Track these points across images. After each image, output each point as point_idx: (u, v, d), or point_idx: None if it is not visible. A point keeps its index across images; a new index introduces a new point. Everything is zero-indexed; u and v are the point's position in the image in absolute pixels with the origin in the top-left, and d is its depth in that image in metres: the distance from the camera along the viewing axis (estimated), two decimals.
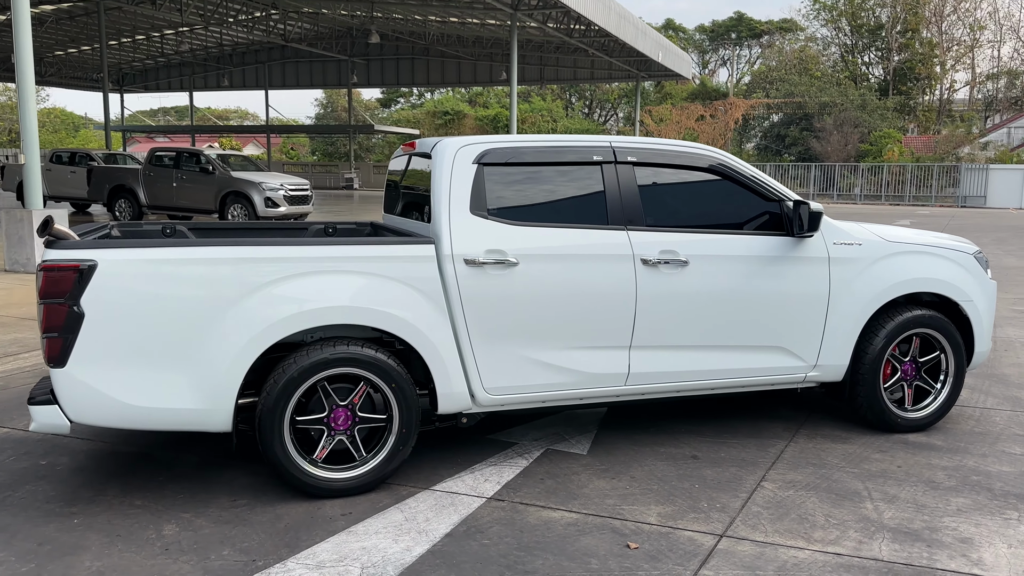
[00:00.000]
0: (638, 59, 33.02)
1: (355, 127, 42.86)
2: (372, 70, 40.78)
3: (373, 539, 3.45)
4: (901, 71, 52.49)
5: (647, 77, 37.38)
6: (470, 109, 50.54)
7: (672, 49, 33.17)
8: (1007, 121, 45.49)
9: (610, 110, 59.49)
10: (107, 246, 3.55)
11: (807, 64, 51.01)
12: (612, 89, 55.38)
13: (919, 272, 4.71)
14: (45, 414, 3.57)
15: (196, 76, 43.86)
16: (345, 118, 58.79)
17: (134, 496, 3.89)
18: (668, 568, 3.21)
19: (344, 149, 55.78)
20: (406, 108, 59.19)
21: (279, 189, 17.02)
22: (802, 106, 44.15)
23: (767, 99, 46.30)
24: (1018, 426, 4.95)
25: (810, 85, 45.66)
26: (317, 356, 3.76)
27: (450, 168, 4.08)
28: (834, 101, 43.34)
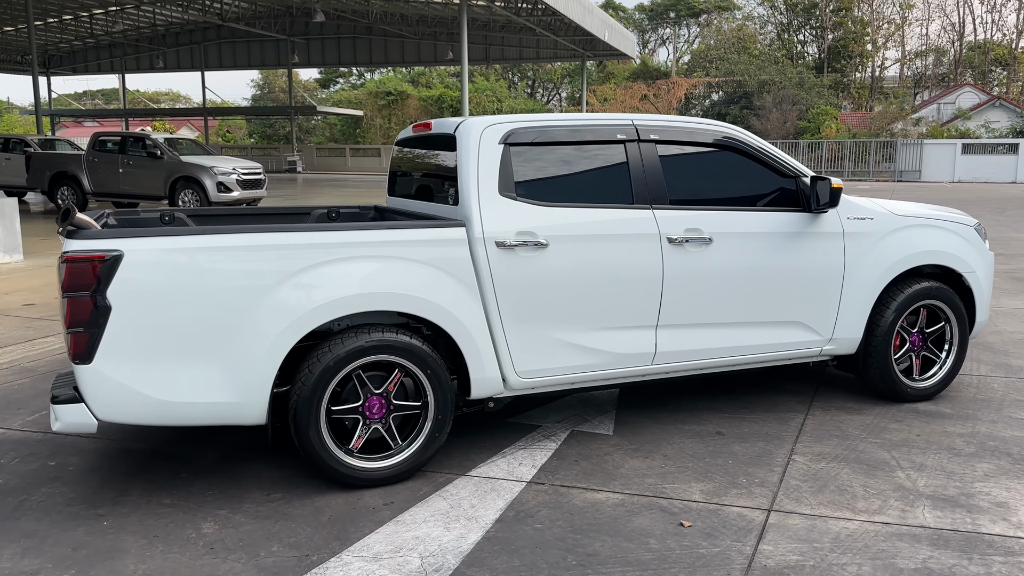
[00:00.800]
0: (584, 38, 33.02)
1: (297, 108, 42.00)
2: (313, 50, 39.92)
3: (424, 528, 3.39)
4: (835, 49, 53.65)
5: (592, 57, 37.43)
6: (413, 89, 49.89)
7: (618, 28, 33.24)
8: (936, 97, 46.94)
9: (552, 90, 59.48)
10: (133, 235, 3.38)
11: (745, 43, 51.75)
12: (555, 69, 55.35)
13: (928, 245, 4.81)
14: (70, 413, 3.40)
15: (128, 58, 42.33)
16: (284, 99, 57.55)
17: (160, 495, 3.74)
18: (727, 544, 3.23)
19: (283, 131, 54.70)
20: (346, 88, 58.16)
21: (231, 173, 16.57)
22: (742, 84, 44.81)
23: (708, 78, 46.84)
24: (1016, 392, 5.12)
25: (749, 64, 46.35)
26: (353, 344, 3.66)
27: (476, 149, 4.00)
28: (773, 79, 44.09)
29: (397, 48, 39.07)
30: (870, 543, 3.22)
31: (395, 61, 40.41)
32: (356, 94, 51.86)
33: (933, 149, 35.44)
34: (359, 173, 41.48)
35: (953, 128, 40.24)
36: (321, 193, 25.61)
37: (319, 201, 21.93)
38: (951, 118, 42.34)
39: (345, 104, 49.87)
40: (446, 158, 4.30)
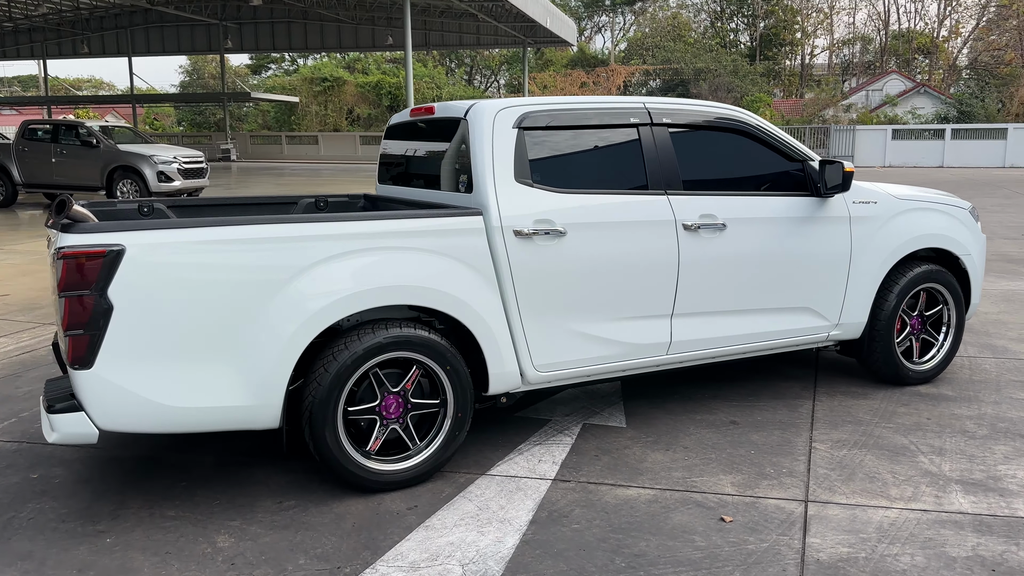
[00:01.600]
0: (525, 25, 32.82)
1: (230, 95, 40.76)
2: (246, 35, 38.74)
3: (456, 533, 3.22)
4: (767, 37, 54.69)
5: (533, 44, 37.24)
6: (350, 75, 48.92)
7: (558, 15, 33.13)
8: (864, 84, 48.26)
9: (490, 76, 59.17)
10: (136, 228, 3.11)
11: (680, 31, 52.30)
12: (493, 56, 55.04)
13: (928, 228, 4.82)
14: (69, 423, 3.11)
15: (49, 43, 40.42)
16: (214, 86, 55.91)
17: (162, 506, 3.48)
18: (774, 539, 3.14)
19: (214, 118, 53.10)
20: (279, 75, 56.76)
21: (172, 162, 15.93)
22: (679, 72, 45.29)
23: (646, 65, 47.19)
24: (1010, 373, 5.19)
25: (685, 52, 46.85)
26: (371, 340, 3.45)
27: (491, 133, 3.82)
28: (708, 67, 44.67)
29: (334, 33, 38.20)
30: (915, 532, 3.18)
31: (332, 46, 39.51)
32: (290, 80, 50.61)
33: (865, 135, 36.39)
34: (297, 162, 40.56)
35: (882, 114, 41.42)
36: (261, 183, 24.92)
37: (261, 191, 21.31)
38: (879, 104, 43.59)
39: (279, 91, 48.64)
40: (454, 143, 4.11)
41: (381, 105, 47.23)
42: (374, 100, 47.50)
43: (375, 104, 47.59)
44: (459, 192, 3.98)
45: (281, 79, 53.11)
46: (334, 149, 43.49)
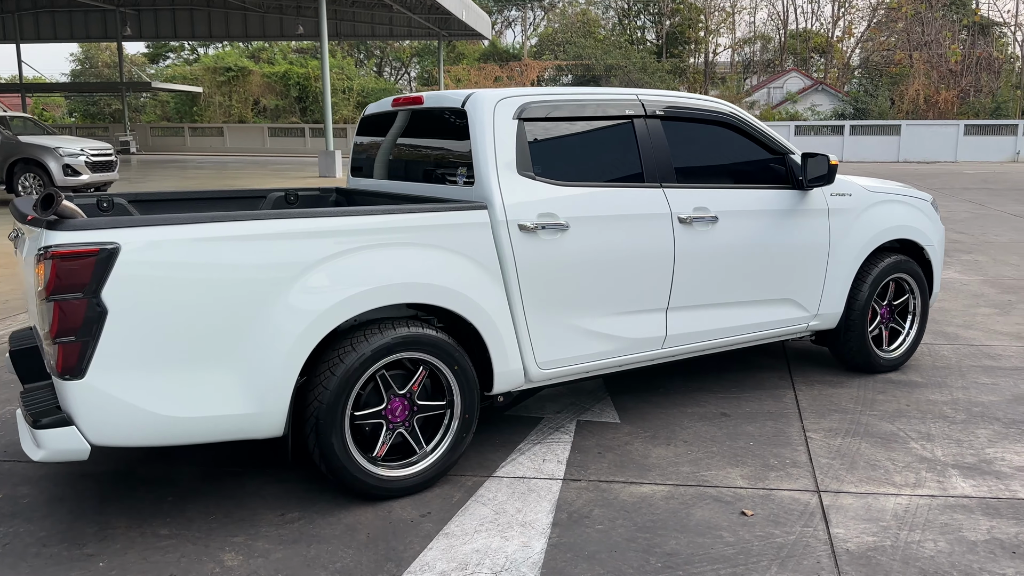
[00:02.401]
0: (440, 17, 32.51)
1: (129, 84, 38.87)
2: (145, 22, 36.97)
3: (479, 539, 3.10)
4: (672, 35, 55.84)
5: (448, 36, 36.93)
6: (254, 65, 47.38)
7: (474, 8, 32.95)
8: (766, 82, 49.92)
9: (401, 69, 58.43)
10: (129, 225, 2.85)
11: (590, 27, 52.87)
12: (404, 48, 54.35)
13: (898, 220, 4.96)
14: (59, 439, 2.84)
15: None
16: (108, 74, 53.34)
17: (153, 524, 3.23)
18: (799, 531, 3.15)
19: (108, 109, 50.61)
20: (179, 64, 54.48)
21: (79, 155, 15.05)
22: (590, 68, 45.77)
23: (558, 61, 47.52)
24: (968, 358, 5.40)
25: (595, 48, 47.37)
26: (379, 341, 3.29)
27: (491, 124, 3.69)
28: (619, 64, 45.29)
29: (240, 21, 36.89)
30: (930, 518, 3.24)
31: (238, 35, 38.16)
32: (192, 70, 48.64)
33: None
34: (202, 154, 39.09)
35: (783, 111, 42.96)
36: (167, 176, 23.86)
37: (170, 185, 20.39)
38: (780, 101, 45.19)
39: (180, 80, 46.66)
40: (448, 134, 3.96)
41: (289, 96, 45.98)
42: (281, 91, 46.17)
43: (282, 95, 46.27)
44: (457, 185, 3.84)
45: (181, 68, 51.00)
46: (241, 141, 42.13)
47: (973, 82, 41.99)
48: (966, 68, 42.07)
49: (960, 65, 41.89)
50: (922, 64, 42.27)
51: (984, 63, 42.89)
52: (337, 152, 23.85)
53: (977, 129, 34.92)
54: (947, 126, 35.44)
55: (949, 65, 41.81)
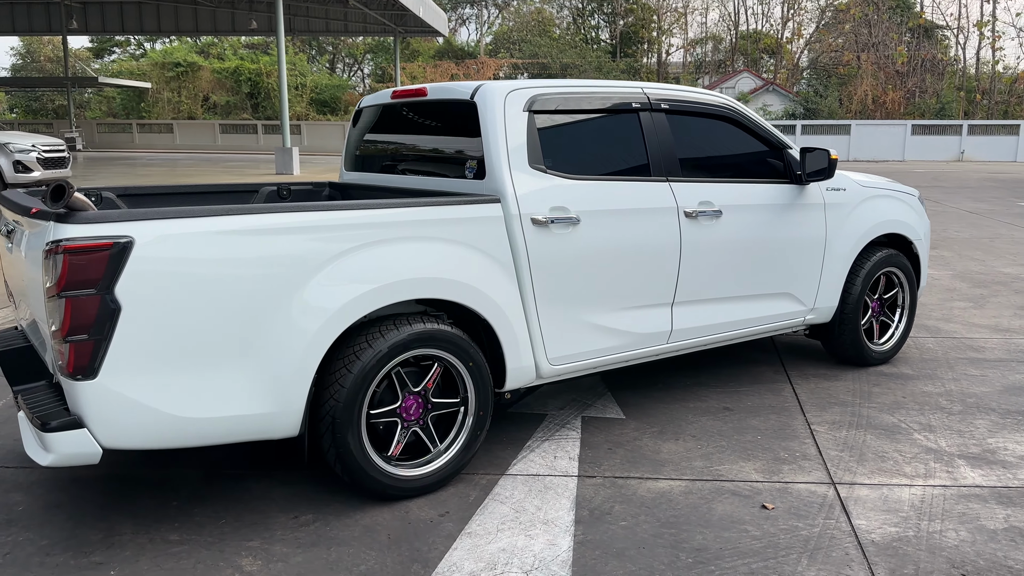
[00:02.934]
0: (396, 12, 32.23)
1: (75, 79, 37.72)
2: (91, 15, 35.90)
3: (504, 539, 3.04)
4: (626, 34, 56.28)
5: (404, 33, 36.61)
6: (204, 61, 46.40)
7: (431, 4, 32.73)
8: (718, 82, 50.58)
9: (354, 65, 57.83)
10: (143, 217, 2.72)
11: (545, 26, 52.99)
12: (357, 44, 53.80)
13: (889, 215, 5.02)
14: (70, 442, 2.70)
15: None
16: (51, 69, 51.75)
17: (160, 530, 3.10)
18: (822, 523, 3.15)
19: (51, 105, 49.17)
20: (125, 59, 53.08)
21: (31, 151, 14.55)
22: (546, 67, 45.87)
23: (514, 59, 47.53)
24: (954, 351, 5.50)
25: (551, 47, 47.50)
26: (395, 338, 3.20)
27: (502, 116, 3.63)
28: (574, 63, 45.50)
29: (190, 16, 36.05)
30: (947, 507, 3.27)
31: (188, 30, 37.26)
32: (139, 65, 47.45)
33: None
34: (150, 151, 38.17)
35: None
36: (119, 173, 23.23)
37: (124, 182, 19.84)
38: None
39: (127, 75, 45.49)
40: (454, 127, 3.89)
41: (240, 92, 45.15)
42: (232, 87, 45.32)
43: (233, 91, 45.41)
44: (464, 179, 3.76)
45: (128, 63, 49.71)
46: (191, 138, 41.26)
47: (918, 83, 43.13)
48: (912, 70, 43.19)
49: (906, 66, 42.99)
50: (870, 65, 43.28)
51: (928, 65, 44.09)
52: (294, 149, 23.48)
53: (923, 129, 35.88)
54: (895, 126, 36.34)
55: (896, 66, 42.88)
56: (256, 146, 40.52)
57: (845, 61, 47.31)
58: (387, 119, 4.43)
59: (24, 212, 2.93)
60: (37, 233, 2.82)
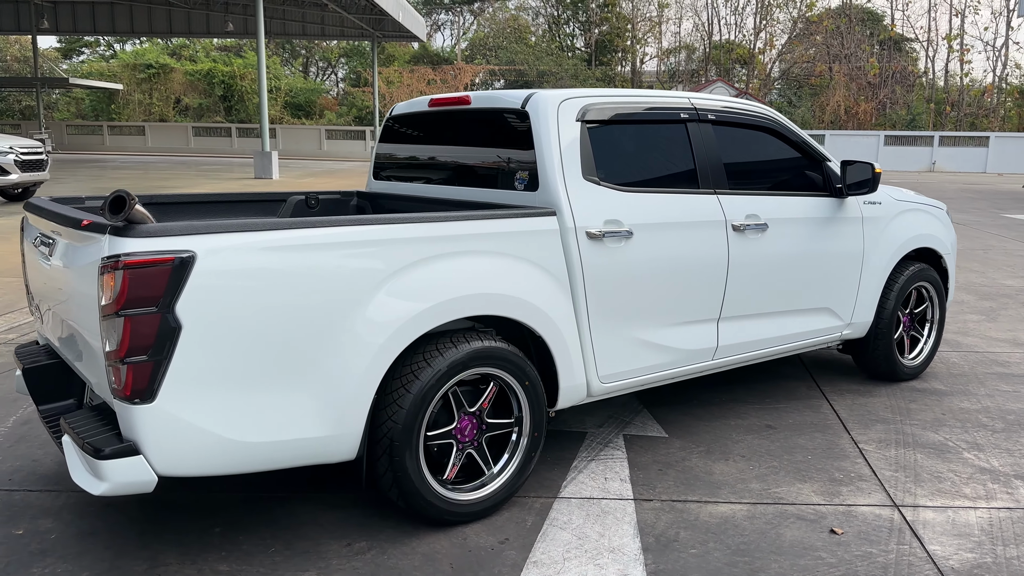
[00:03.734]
0: (374, 17, 32.04)
1: (45, 80, 36.90)
2: (62, 15, 35.18)
3: (573, 568, 2.90)
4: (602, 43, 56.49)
5: (381, 38, 36.38)
6: (176, 63, 45.68)
7: (409, 9, 32.55)
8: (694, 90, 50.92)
9: (327, 69, 57.35)
10: (203, 231, 2.56)
11: (521, 33, 53.00)
12: (332, 48, 53.37)
13: (922, 228, 4.98)
14: (125, 470, 2.52)
15: None
16: (18, 69, 50.63)
17: (207, 559, 2.92)
18: (895, 548, 3.06)
19: (18, 106, 48.09)
20: (94, 59, 52.12)
21: (8, 153, 14.13)
22: (523, 74, 45.86)
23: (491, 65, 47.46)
24: (979, 365, 5.47)
25: (528, 54, 47.52)
26: (454, 356, 3.06)
27: (556, 127, 3.51)
28: (551, 70, 45.55)
29: (164, 17, 35.51)
30: (1018, 531, 3.20)
31: (161, 31, 36.71)
32: (110, 66, 46.62)
33: None
34: (122, 153, 37.46)
35: None
36: (95, 176, 22.70)
37: (103, 185, 19.38)
38: None
39: (97, 77, 44.66)
40: (501, 136, 3.76)
41: (213, 95, 44.52)
42: (205, 89, 44.67)
43: (206, 93, 44.77)
44: (515, 190, 3.63)
45: (98, 64, 48.81)
46: (163, 141, 40.61)
47: (889, 94, 43.79)
48: (883, 81, 43.83)
49: (878, 78, 43.61)
50: (842, 76, 43.84)
51: (899, 77, 44.77)
52: (274, 153, 23.15)
53: (895, 140, 36.39)
54: (868, 136, 36.81)
55: (868, 77, 43.48)
56: (230, 149, 39.99)
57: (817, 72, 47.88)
58: (422, 127, 4.29)
59: (69, 223, 2.75)
60: (87, 247, 2.64)
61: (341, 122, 43.87)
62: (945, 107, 43.18)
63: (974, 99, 44.22)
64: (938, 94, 44.79)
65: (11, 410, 4.42)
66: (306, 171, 26.63)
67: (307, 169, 27.75)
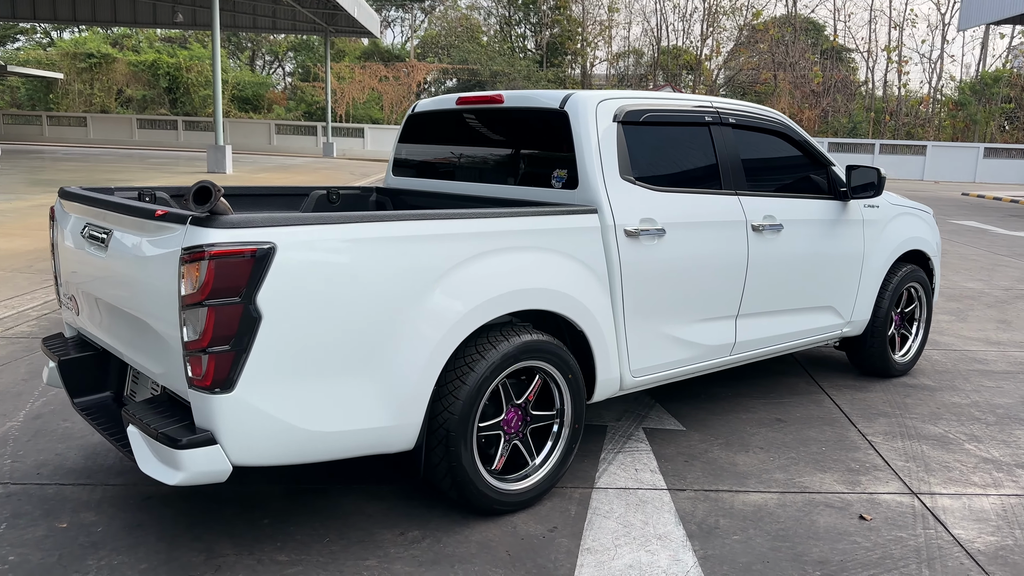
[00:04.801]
0: (328, 12, 31.71)
1: None
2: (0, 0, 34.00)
3: (626, 555, 2.99)
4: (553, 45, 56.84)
5: (334, 32, 36.01)
6: (119, 53, 44.45)
7: (364, 5, 32.31)
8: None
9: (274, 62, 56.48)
10: (283, 223, 2.58)
11: (473, 32, 53.01)
12: (279, 41, 52.57)
13: (914, 231, 5.21)
14: (204, 460, 2.52)
15: None
16: None
17: (263, 549, 2.93)
18: (922, 533, 3.23)
19: None
20: (31, 47, 50.39)
21: None
22: (476, 73, 45.89)
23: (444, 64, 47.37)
24: (961, 362, 5.74)
25: (480, 53, 47.56)
26: (506, 348, 3.12)
27: (595, 127, 3.60)
28: (504, 71, 45.68)
29: (108, 6, 34.53)
30: None
31: (105, 20, 35.67)
32: (48, 54, 45.13)
33: None
34: (63, 145, 36.31)
35: None
36: (39, 168, 21.99)
37: (42, 176, 18.80)
38: None
39: (34, 65, 43.21)
40: (536, 135, 3.83)
41: (158, 87, 43.45)
42: (150, 81, 43.58)
43: (151, 85, 43.67)
44: (552, 188, 3.71)
45: (35, 52, 47.19)
46: (106, 132, 39.49)
47: (832, 103, 45.06)
48: (826, 90, 45.09)
49: (821, 87, 44.84)
50: (787, 84, 44.96)
51: (841, 86, 46.11)
52: (227, 147, 22.74)
53: (839, 147, 37.44)
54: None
55: (812, 86, 44.66)
56: (176, 143, 39.11)
57: (763, 79, 49.00)
58: (447, 124, 4.33)
59: (137, 214, 2.73)
60: (157, 237, 2.63)
61: (290, 117, 43.24)
62: (884, 116, 44.64)
63: (911, 109, 45.81)
64: (877, 103, 46.26)
65: (17, 404, 4.32)
66: (259, 166, 26.22)
67: (259, 164, 27.32)
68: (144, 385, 3.18)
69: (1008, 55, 45.33)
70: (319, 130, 39.26)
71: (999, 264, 10.53)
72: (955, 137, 42.69)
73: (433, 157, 4.42)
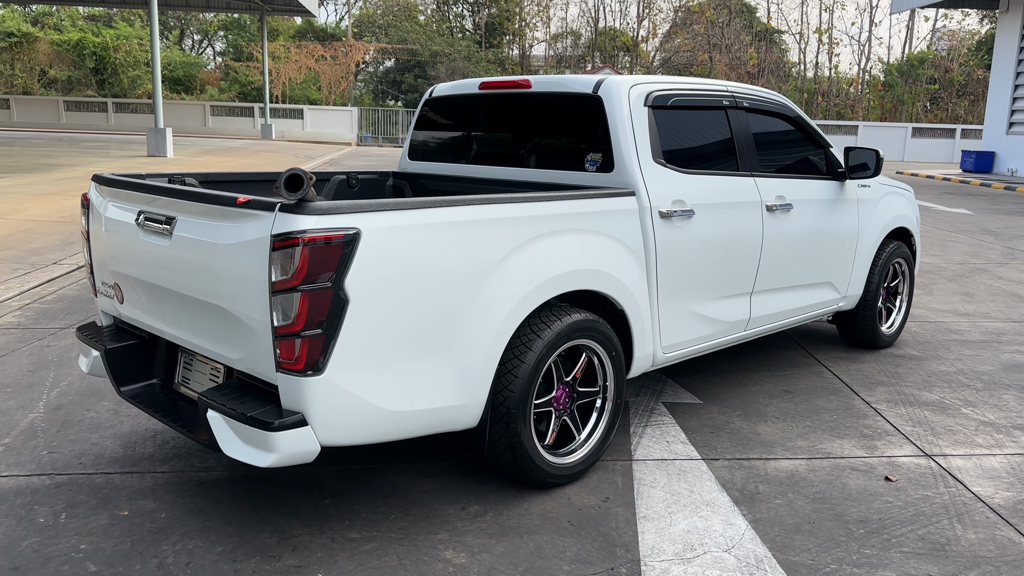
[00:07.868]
0: None
1: None
2: None
3: (681, 521, 3.14)
4: (491, 25, 56.64)
5: (271, 11, 35.19)
6: (40, 32, 42.61)
7: None
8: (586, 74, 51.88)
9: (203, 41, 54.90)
10: (367, 209, 2.62)
11: (410, 11, 52.42)
12: (209, 20, 51.10)
13: (900, 210, 5.48)
14: (295, 441, 2.57)
15: None
16: None
17: (334, 528, 2.98)
18: (945, 491, 3.46)
19: None
20: None
21: None
22: (416, 53, 45.46)
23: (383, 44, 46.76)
24: (938, 333, 6.07)
25: (419, 33, 47.11)
26: (559, 328, 3.22)
27: (628, 111, 3.70)
28: (444, 51, 45.35)
29: None
30: None
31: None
32: None
33: None
34: None
35: None
36: None
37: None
38: None
39: None
40: (567, 120, 3.92)
41: (84, 67, 41.82)
42: (75, 61, 41.90)
43: (76, 66, 42.01)
44: (587, 172, 3.81)
45: None
46: (30, 115, 37.95)
47: (766, 84, 46.07)
48: (760, 71, 46.07)
49: (756, 68, 45.80)
50: (723, 66, 45.78)
51: (774, 67, 47.19)
52: (168, 130, 22.12)
53: None
54: None
55: (747, 67, 45.58)
56: (106, 125, 37.83)
57: (699, 61, 49.78)
58: (467, 109, 4.38)
59: (215, 201, 2.73)
60: (237, 224, 2.64)
61: (224, 98, 42.19)
62: (817, 97, 45.87)
63: (842, 90, 47.18)
64: (809, 85, 47.50)
65: (32, 396, 4.24)
66: (199, 149, 25.59)
67: (199, 147, 26.65)
68: (200, 371, 3.17)
69: (931, 38, 47.06)
70: (256, 111, 38.43)
71: (948, 240, 11.05)
72: (883, 117, 44.19)
73: (453, 141, 4.47)
